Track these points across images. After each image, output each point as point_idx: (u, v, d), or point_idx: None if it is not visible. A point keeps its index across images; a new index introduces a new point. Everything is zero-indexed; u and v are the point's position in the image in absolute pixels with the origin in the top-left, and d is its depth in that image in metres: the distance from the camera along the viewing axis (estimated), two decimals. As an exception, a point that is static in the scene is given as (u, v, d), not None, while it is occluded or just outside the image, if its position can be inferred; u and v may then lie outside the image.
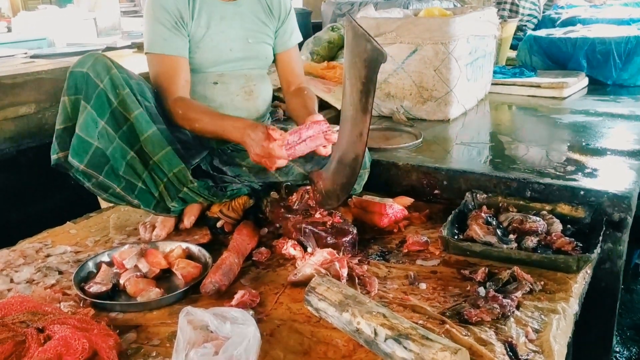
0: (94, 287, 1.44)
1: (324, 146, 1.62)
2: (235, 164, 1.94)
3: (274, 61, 2.07)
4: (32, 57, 3.94)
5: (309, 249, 1.62)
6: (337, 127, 1.58)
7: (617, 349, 2.17)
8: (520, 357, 1.14)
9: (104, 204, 2.08)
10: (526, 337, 1.21)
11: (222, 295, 1.42)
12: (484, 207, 1.76)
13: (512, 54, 4.03)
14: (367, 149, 1.78)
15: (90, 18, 7.14)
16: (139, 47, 4.24)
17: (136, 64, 3.28)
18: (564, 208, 1.73)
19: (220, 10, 1.87)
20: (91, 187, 1.71)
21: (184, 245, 1.64)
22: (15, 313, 1.23)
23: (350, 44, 1.36)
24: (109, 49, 4.54)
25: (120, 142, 1.64)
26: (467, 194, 1.85)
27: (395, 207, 1.82)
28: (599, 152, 2.12)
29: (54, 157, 1.65)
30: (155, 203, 1.74)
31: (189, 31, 1.82)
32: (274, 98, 2.35)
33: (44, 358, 1.08)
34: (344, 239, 1.59)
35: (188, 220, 1.80)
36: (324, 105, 2.96)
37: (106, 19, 7.54)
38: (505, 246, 1.56)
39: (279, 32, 2.02)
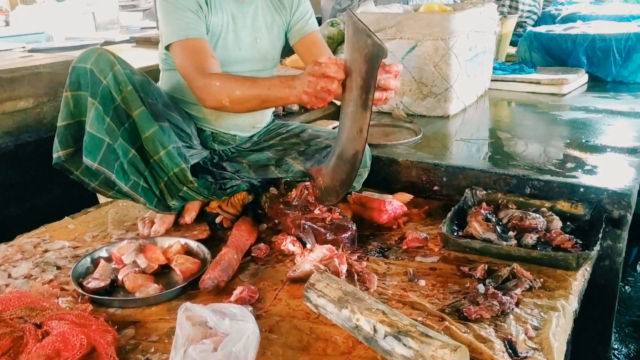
0: (92, 283, 1.43)
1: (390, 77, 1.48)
2: (236, 161, 1.93)
3: (293, 52, 2.03)
4: (30, 51, 3.92)
5: (308, 245, 1.62)
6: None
7: (616, 346, 2.17)
8: (519, 354, 1.14)
9: (102, 199, 2.08)
10: (526, 334, 1.21)
11: (221, 291, 1.41)
12: (484, 204, 1.76)
13: (512, 50, 4.02)
14: (368, 146, 1.77)
15: (88, 12, 7.10)
16: (137, 41, 4.21)
17: (135, 59, 3.26)
18: (564, 205, 1.73)
19: (233, 8, 1.83)
20: (97, 187, 1.69)
21: (183, 241, 1.63)
22: (13, 308, 1.23)
23: (351, 39, 1.36)
24: (107, 43, 4.51)
25: (122, 139, 1.62)
26: (466, 190, 1.84)
27: (394, 204, 1.82)
28: (598, 149, 2.12)
29: (55, 156, 1.62)
30: (157, 201, 1.73)
31: (207, 25, 1.78)
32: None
33: (42, 354, 1.08)
34: (343, 235, 1.59)
35: (189, 217, 1.79)
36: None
37: (104, 13, 7.51)
38: (504, 243, 1.56)
39: (294, 20, 1.97)
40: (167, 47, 1.74)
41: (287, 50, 2.11)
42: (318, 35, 2.02)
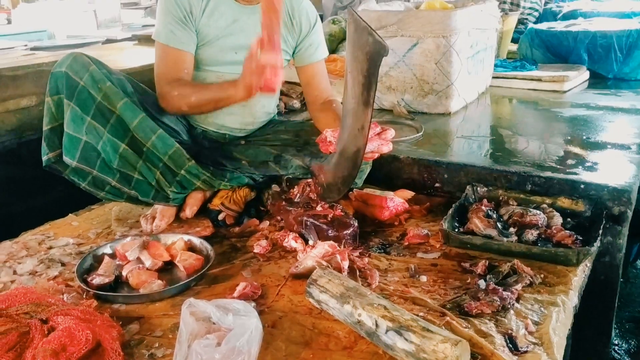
0: (96, 279, 1.44)
1: (384, 144, 1.59)
2: (235, 158, 1.94)
3: (297, 74, 2.06)
4: (32, 49, 3.93)
5: (310, 242, 1.63)
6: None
7: (616, 342, 2.18)
8: (519, 349, 1.15)
9: (105, 196, 2.09)
10: (526, 329, 1.22)
11: (224, 288, 1.42)
12: (485, 201, 1.77)
13: (513, 47, 4.03)
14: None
15: (90, 10, 7.12)
16: (139, 39, 4.22)
17: (136, 56, 3.27)
18: (564, 201, 1.74)
19: (235, 12, 1.85)
20: (87, 187, 1.72)
21: (186, 237, 1.64)
22: (19, 304, 1.24)
23: (352, 37, 1.37)
24: (109, 41, 4.53)
25: (110, 135, 1.64)
26: (467, 187, 1.85)
27: (396, 200, 1.83)
28: (599, 146, 2.13)
29: (44, 158, 1.67)
30: (154, 192, 1.74)
31: (197, 27, 1.81)
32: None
33: (48, 349, 1.09)
34: (345, 232, 1.60)
35: (190, 210, 1.79)
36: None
37: (106, 11, 7.52)
38: (505, 239, 1.57)
39: (301, 45, 1.99)
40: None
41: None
42: (321, 65, 2.04)
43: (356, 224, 1.64)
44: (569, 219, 1.67)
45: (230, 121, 1.98)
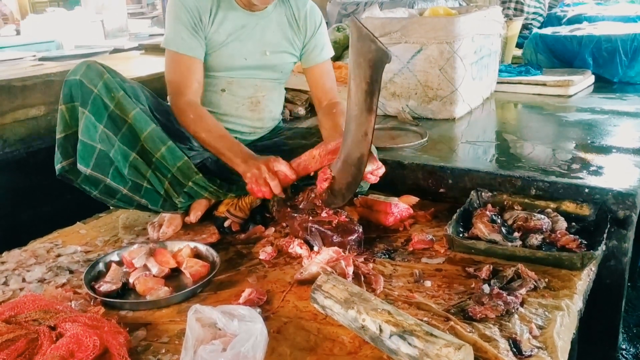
0: (104, 286, 1.46)
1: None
2: None
3: (305, 76, 2.08)
4: (40, 59, 3.98)
5: (315, 248, 1.64)
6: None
7: (624, 346, 2.17)
8: (524, 353, 1.15)
9: (112, 204, 2.11)
10: (530, 333, 1.22)
11: (230, 294, 1.43)
12: (489, 206, 1.77)
13: (518, 52, 4.03)
14: (374, 146, 1.79)
15: (97, 20, 7.20)
16: (146, 48, 4.27)
17: (143, 66, 3.31)
18: (569, 206, 1.74)
19: (243, 19, 1.88)
20: (98, 195, 1.73)
21: (192, 244, 1.66)
22: (28, 311, 1.26)
23: (355, 44, 1.38)
24: (116, 50, 4.58)
25: (121, 144, 1.65)
26: (472, 192, 1.86)
27: (400, 206, 1.84)
28: (604, 150, 2.13)
29: (58, 167, 1.67)
30: (162, 201, 1.76)
31: (207, 34, 1.84)
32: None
33: (57, 355, 1.11)
34: (349, 238, 1.61)
35: (194, 216, 1.81)
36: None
37: (113, 21, 7.60)
38: (509, 244, 1.57)
39: (307, 47, 2.01)
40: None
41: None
42: (327, 65, 2.06)
43: (361, 230, 1.65)
44: (573, 223, 1.67)
45: (240, 126, 2.00)
